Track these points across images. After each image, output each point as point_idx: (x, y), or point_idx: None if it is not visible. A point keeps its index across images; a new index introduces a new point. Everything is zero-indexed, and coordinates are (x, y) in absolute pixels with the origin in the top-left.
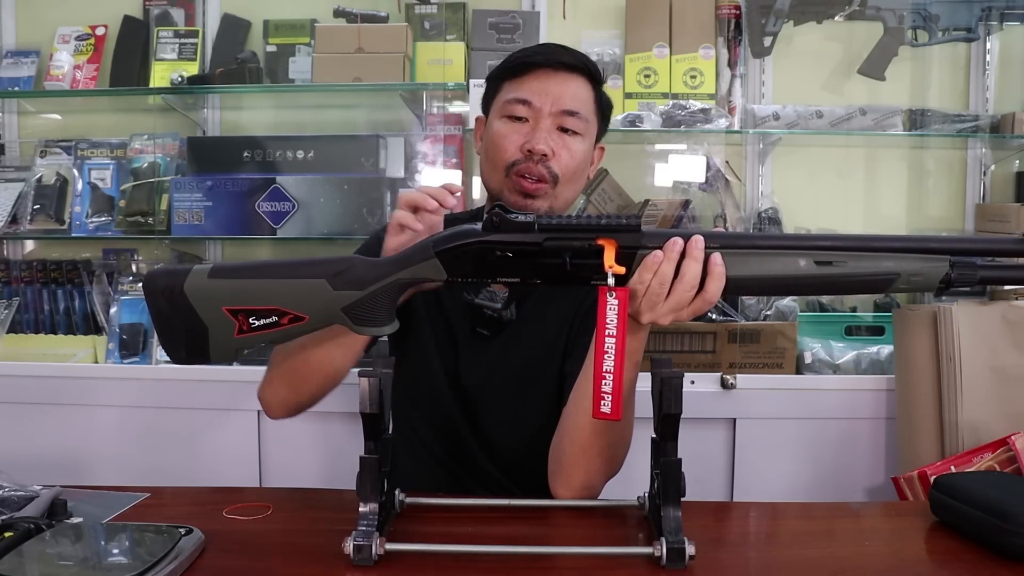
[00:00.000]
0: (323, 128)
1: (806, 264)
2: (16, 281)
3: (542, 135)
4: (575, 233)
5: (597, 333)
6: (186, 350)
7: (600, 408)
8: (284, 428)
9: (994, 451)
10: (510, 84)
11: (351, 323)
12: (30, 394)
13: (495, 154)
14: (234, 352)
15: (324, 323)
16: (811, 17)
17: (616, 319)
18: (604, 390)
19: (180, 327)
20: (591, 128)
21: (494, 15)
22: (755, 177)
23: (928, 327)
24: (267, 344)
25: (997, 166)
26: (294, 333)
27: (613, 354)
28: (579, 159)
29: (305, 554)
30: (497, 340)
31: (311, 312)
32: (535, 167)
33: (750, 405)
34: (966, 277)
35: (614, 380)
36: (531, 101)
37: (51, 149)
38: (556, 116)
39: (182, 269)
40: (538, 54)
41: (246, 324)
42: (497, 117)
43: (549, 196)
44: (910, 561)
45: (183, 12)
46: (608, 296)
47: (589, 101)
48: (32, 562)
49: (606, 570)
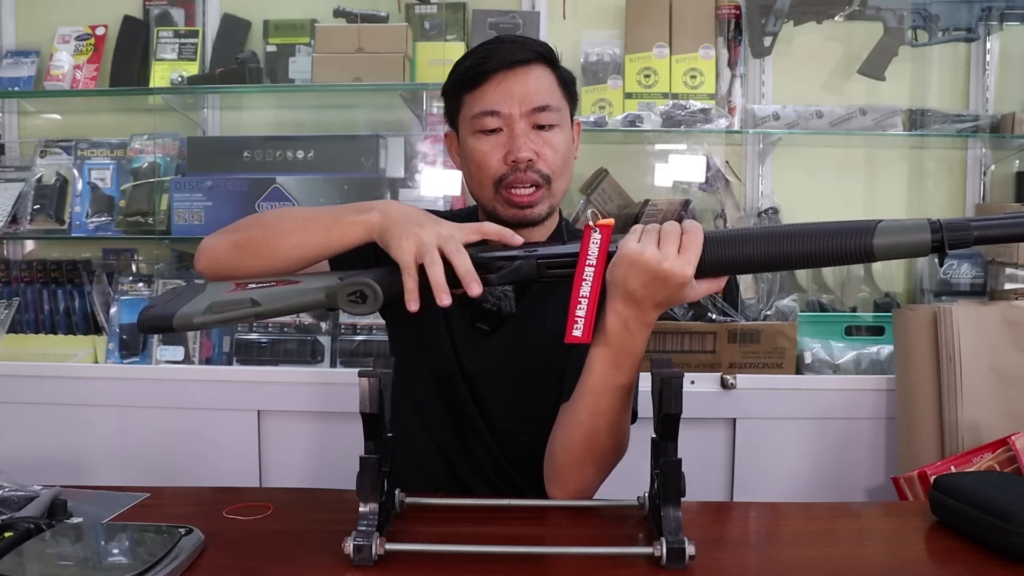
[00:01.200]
0: (323, 128)
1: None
2: (16, 281)
3: (521, 141)
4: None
5: (579, 262)
6: (160, 303)
7: (572, 332)
8: (284, 428)
9: (994, 451)
10: (470, 96)
11: (338, 300)
12: (30, 394)
13: (479, 172)
14: (202, 312)
15: (314, 290)
16: (811, 17)
17: (597, 251)
18: (578, 314)
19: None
20: (564, 114)
21: (494, 15)
22: (755, 177)
23: (928, 327)
24: (251, 303)
25: (997, 166)
26: (281, 292)
27: (591, 281)
28: (563, 152)
29: (305, 554)
30: (497, 335)
31: (305, 280)
32: (524, 175)
33: (750, 405)
34: (960, 238)
35: (588, 305)
36: (499, 110)
37: (51, 149)
38: (528, 116)
39: (200, 287)
40: (491, 58)
41: (243, 285)
42: (469, 134)
43: (546, 198)
44: (910, 561)
45: (183, 12)
46: (592, 232)
47: (554, 87)
48: (32, 562)
49: (606, 570)
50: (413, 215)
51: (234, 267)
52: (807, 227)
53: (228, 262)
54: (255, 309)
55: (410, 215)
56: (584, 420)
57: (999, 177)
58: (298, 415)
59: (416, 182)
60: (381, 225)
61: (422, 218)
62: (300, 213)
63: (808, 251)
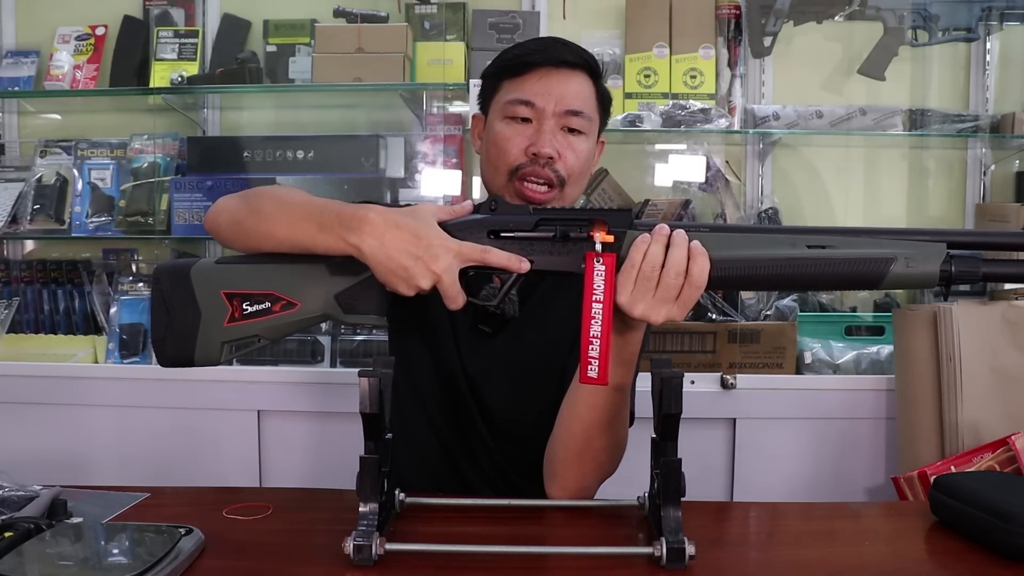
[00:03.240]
0: (323, 128)
1: (796, 246)
2: (16, 281)
3: (547, 137)
4: (568, 216)
5: (584, 298)
6: (173, 344)
7: (587, 373)
8: (284, 428)
9: (994, 451)
10: (510, 83)
11: (341, 311)
12: (30, 394)
13: (498, 157)
14: (219, 348)
15: (315, 312)
16: (811, 17)
17: (604, 285)
18: (591, 355)
19: (176, 313)
20: (594, 126)
21: (494, 15)
22: (755, 177)
23: (928, 327)
24: (257, 340)
25: (997, 166)
26: (283, 322)
27: (601, 319)
28: (584, 159)
29: (305, 554)
30: (500, 337)
31: (304, 299)
32: (541, 170)
33: (750, 405)
34: (969, 273)
35: (601, 345)
36: (534, 102)
37: (51, 149)
38: (560, 116)
39: (192, 259)
40: (539, 52)
41: (239, 310)
42: (499, 118)
43: (556, 201)
44: (910, 561)
45: (183, 12)
46: (596, 262)
47: (591, 98)
48: (32, 562)
49: (606, 570)
50: (407, 241)
51: (230, 241)
52: (824, 259)
53: (226, 235)
54: (263, 343)
55: (403, 242)
56: (583, 414)
57: (999, 177)
58: (298, 415)
59: (416, 182)
60: (372, 258)
61: (418, 244)
62: (297, 206)
63: (819, 280)
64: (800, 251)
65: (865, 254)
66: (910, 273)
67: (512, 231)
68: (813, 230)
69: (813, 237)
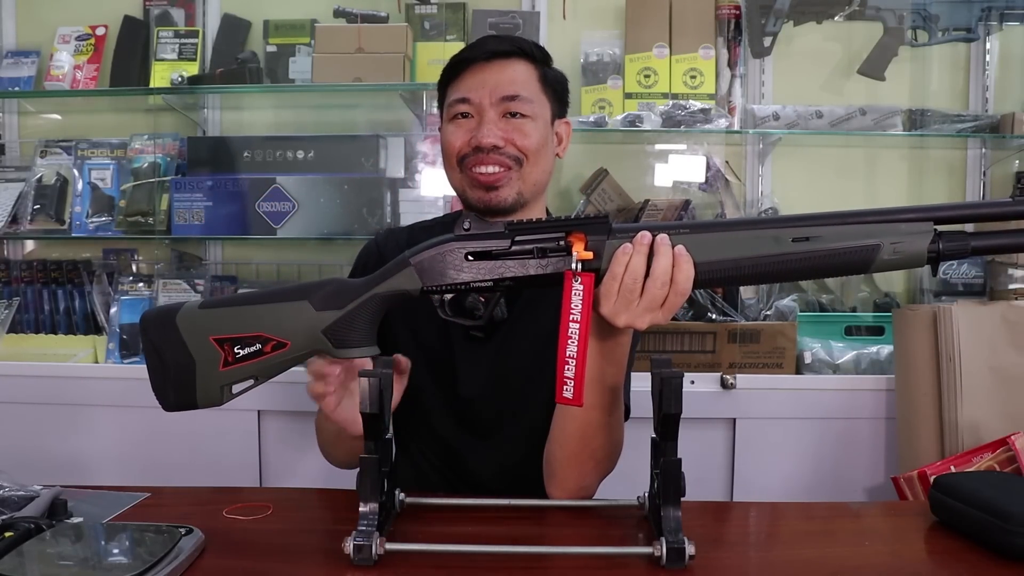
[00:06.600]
0: (323, 128)
1: (781, 242)
2: (16, 281)
3: (487, 128)
4: (544, 231)
5: (562, 318)
6: (174, 391)
7: (562, 393)
8: (284, 428)
9: (994, 451)
10: (451, 87)
11: (331, 346)
12: (30, 394)
13: (447, 154)
14: (220, 391)
15: (306, 348)
16: (811, 17)
17: (581, 304)
18: (567, 375)
19: (170, 363)
20: (541, 108)
21: (494, 15)
22: (755, 177)
23: (928, 327)
24: (254, 381)
25: (997, 166)
26: (277, 362)
27: (577, 340)
28: (536, 140)
29: (305, 554)
30: (492, 341)
31: (293, 337)
32: (487, 156)
33: (750, 405)
34: (958, 249)
35: (576, 365)
36: (469, 97)
37: (51, 149)
38: (498, 104)
39: (175, 304)
40: (471, 49)
41: (231, 355)
42: (446, 122)
43: (515, 181)
44: (910, 561)
45: (183, 12)
46: (574, 281)
47: (531, 81)
48: (32, 562)
49: (606, 570)
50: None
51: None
52: (809, 253)
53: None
54: (262, 381)
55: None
56: (578, 415)
57: (999, 177)
58: (298, 415)
59: (416, 182)
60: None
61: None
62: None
63: (806, 274)
64: (785, 247)
65: (850, 245)
66: (898, 256)
67: (490, 251)
68: (798, 220)
69: (798, 229)
